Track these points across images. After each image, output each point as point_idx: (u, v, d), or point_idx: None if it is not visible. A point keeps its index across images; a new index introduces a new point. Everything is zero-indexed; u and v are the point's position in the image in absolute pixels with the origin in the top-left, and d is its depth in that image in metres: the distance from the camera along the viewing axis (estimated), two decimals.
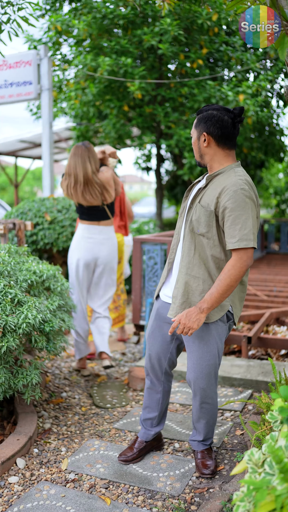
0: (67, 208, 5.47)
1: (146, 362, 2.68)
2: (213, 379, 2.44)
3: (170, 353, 2.60)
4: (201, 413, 2.50)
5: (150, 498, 2.34)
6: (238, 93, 6.79)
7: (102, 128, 7.93)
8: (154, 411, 2.70)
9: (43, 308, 2.95)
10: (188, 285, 2.35)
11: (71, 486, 2.45)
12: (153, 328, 2.61)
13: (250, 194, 2.22)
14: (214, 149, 2.35)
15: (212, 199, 2.27)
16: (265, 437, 2.35)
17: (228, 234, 2.21)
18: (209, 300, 2.23)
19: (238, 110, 2.33)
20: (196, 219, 2.32)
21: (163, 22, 6.46)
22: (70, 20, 6.94)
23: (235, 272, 2.20)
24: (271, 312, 4.73)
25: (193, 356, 2.41)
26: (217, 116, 2.31)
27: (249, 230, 2.18)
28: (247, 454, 1.61)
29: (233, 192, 2.20)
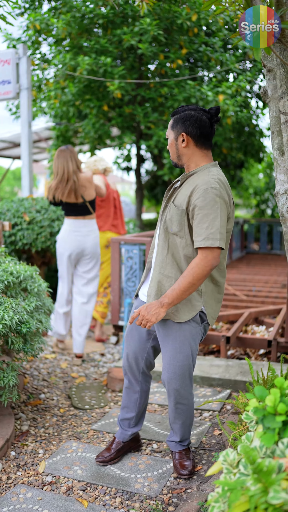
0: (46, 208, 5.43)
1: (123, 361, 2.68)
2: (187, 380, 2.43)
3: (147, 353, 2.59)
4: (176, 413, 2.50)
5: (128, 500, 2.33)
6: (218, 93, 6.81)
7: (81, 128, 7.89)
8: (132, 412, 2.69)
9: (20, 309, 2.92)
10: (161, 284, 2.34)
11: (48, 489, 2.42)
12: (131, 328, 2.61)
13: (220, 193, 2.20)
14: (192, 149, 2.35)
15: (184, 198, 2.26)
16: (242, 437, 2.35)
17: (195, 232, 2.20)
18: (170, 295, 2.22)
19: (214, 110, 2.34)
20: (170, 218, 2.32)
21: (142, 22, 6.45)
22: (49, 19, 6.89)
23: (199, 271, 2.17)
24: (250, 312, 4.77)
25: (167, 357, 2.40)
26: (195, 116, 2.31)
27: (216, 230, 2.16)
28: (222, 454, 1.61)
29: (203, 190, 2.19)
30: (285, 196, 2.55)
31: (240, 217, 12.95)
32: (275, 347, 3.91)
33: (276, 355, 3.94)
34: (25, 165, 6.41)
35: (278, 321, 4.40)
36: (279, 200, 2.61)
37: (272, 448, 1.51)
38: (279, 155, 2.61)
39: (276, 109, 2.60)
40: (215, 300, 2.42)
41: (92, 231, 4.30)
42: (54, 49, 7.53)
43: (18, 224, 5.26)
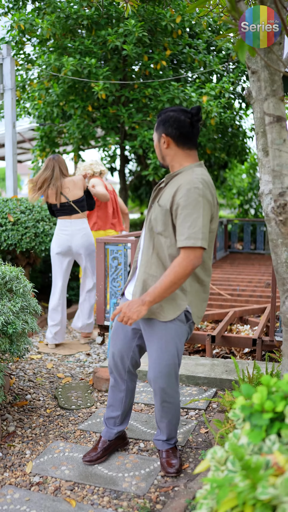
0: (30, 209, 5.42)
1: (109, 360, 2.69)
2: (173, 378, 2.44)
3: (132, 352, 2.60)
4: (163, 412, 2.51)
5: (116, 499, 2.34)
6: (202, 94, 6.86)
7: (66, 128, 7.88)
8: (118, 410, 2.70)
9: (5, 310, 2.91)
10: (146, 283, 2.36)
11: (35, 489, 2.42)
12: (117, 326, 2.62)
13: (204, 193, 2.22)
14: (174, 150, 2.37)
15: (169, 198, 2.28)
16: (228, 435, 2.38)
17: (178, 231, 2.21)
18: (152, 293, 2.22)
19: (195, 110, 2.35)
20: (154, 218, 2.34)
21: (127, 23, 6.47)
22: (33, 19, 6.86)
23: (180, 270, 2.18)
24: (235, 311, 4.81)
25: (152, 356, 2.42)
26: (173, 117, 2.33)
27: (198, 229, 2.17)
28: (210, 452, 1.63)
29: (187, 190, 2.21)
30: (270, 197, 2.58)
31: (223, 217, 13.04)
32: (259, 345, 3.95)
33: (261, 353, 3.98)
34: (9, 165, 6.37)
35: (262, 320, 4.45)
36: (263, 200, 2.64)
37: (259, 445, 1.53)
38: (264, 155, 2.65)
39: (260, 111, 2.64)
40: (200, 299, 2.44)
41: (80, 229, 4.57)
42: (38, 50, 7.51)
43: (2, 224, 5.24)
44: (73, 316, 6.04)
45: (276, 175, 2.45)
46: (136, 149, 7.46)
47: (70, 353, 4.61)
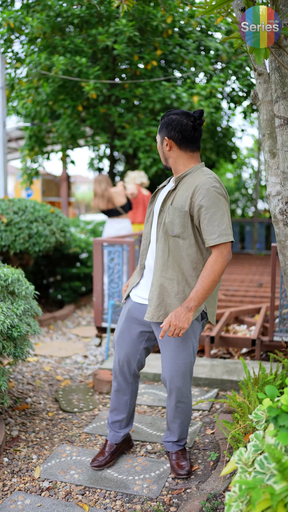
0: (23, 209, 5.36)
1: (114, 364, 2.66)
2: (189, 377, 2.46)
3: (139, 354, 2.59)
4: (176, 412, 2.51)
5: (128, 502, 2.33)
6: (192, 94, 6.87)
7: (55, 128, 7.82)
8: (122, 413, 2.69)
9: (9, 313, 2.87)
10: (163, 287, 2.36)
11: (46, 494, 2.40)
12: (123, 330, 2.60)
13: (221, 191, 2.28)
14: (176, 152, 2.39)
15: (186, 200, 2.29)
16: (240, 436, 2.39)
17: (207, 231, 2.24)
18: (196, 297, 2.24)
19: (198, 113, 2.37)
20: (170, 221, 2.33)
21: (118, 23, 6.45)
22: (23, 17, 6.79)
23: (218, 267, 2.23)
24: (231, 311, 4.83)
25: (169, 355, 2.41)
26: (176, 120, 2.35)
27: (226, 225, 2.23)
28: (236, 454, 1.63)
29: (206, 190, 2.24)
30: (277, 198, 2.60)
31: None
32: (259, 346, 3.97)
33: (259, 353, 4.00)
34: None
35: (259, 320, 4.47)
36: (271, 202, 2.65)
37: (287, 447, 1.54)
38: (270, 157, 2.66)
39: (267, 112, 2.64)
40: (215, 298, 2.48)
41: (124, 227, 6.04)
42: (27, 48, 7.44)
43: None
44: (66, 317, 6.00)
45: (286, 177, 2.46)
46: (126, 148, 7.44)
47: (66, 355, 4.58)
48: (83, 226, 7.84)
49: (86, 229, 7.69)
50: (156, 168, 7.37)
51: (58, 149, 8.99)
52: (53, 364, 4.36)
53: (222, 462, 2.55)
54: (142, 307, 2.50)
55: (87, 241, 6.78)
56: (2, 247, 5.17)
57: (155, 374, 3.79)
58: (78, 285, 6.39)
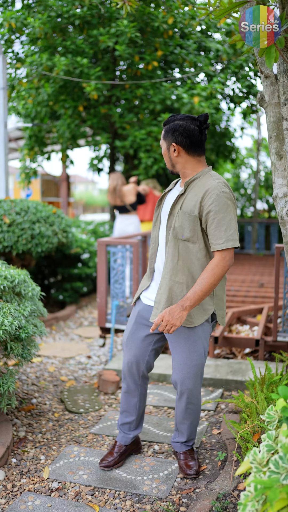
0: (25, 210, 5.37)
1: (123, 366, 2.67)
2: (199, 379, 2.48)
3: (148, 356, 2.61)
4: (186, 414, 2.52)
5: (138, 502, 2.34)
6: (193, 95, 6.89)
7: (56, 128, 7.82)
8: (132, 415, 2.70)
9: (17, 314, 2.88)
10: (172, 290, 2.37)
11: (56, 495, 2.41)
12: (132, 331, 2.61)
13: (230, 196, 2.30)
14: (184, 157, 2.40)
15: (195, 204, 2.31)
16: (248, 436, 2.40)
17: (214, 236, 2.26)
18: (192, 298, 2.26)
19: (203, 117, 2.38)
20: (180, 225, 2.35)
21: (120, 24, 6.46)
22: (24, 18, 6.79)
23: (218, 271, 2.25)
24: (233, 311, 4.84)
25: (180, 357, 2.43)
26: (183, 126, 2.36)
27: (233, 231, 2.26)
28: (250, 454, 1.65)
29: (216, 195, 2.25)
30: (284, 200, 2.61)
31: None
32: (262, 346, 3.99)
33: (263, 354, 4.02)
34: (1, 166, 6.30)
35: (262, 320, 4.49)
36: (278, 204, 2.67)
37: None
38: (277, 159, 2.67)
39: (273, 115, 2.66)
40: (223, 300, 2.49)
41: (132, 222, 6.66)
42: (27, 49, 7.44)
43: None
44: (68, 318, 6.01)
45: None
46: (127, 149, 7.45)
47: (70, 356, 4.59)
48: (83, 226, 7.84)
49: (87, 229, 7.70)
50: (157, 167, 7.38)
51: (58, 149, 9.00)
52: (57, 364, 4.37)
53: (230, 462, 2.57)
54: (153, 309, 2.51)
55: (88, 242, 6.79)
56: (4, 248, 5.18)
57: (160, 374, 3.80)
58: (79, 285, 6.40)
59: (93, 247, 6.79)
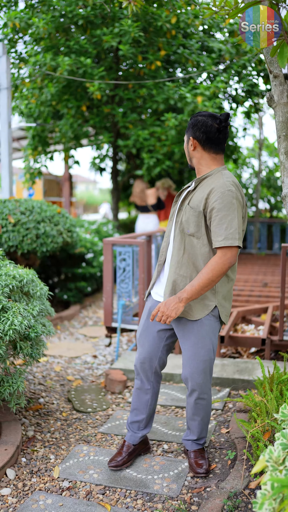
0: (30, 210, 5.37)
1: (136, 362, 2.68)
2: (209, 374, 2.50)
3: (161, 352, 2.62)
4: (196, 409, 2.53)
5: (149, 501, 2.35)
6: (196, 95, 6.89)
7: (58, 128, 7.82)
8: (142, 414, 2.71)
9: (26, 314, 2.89)
10: (176, 283, 2.41)
11: (67, 494, 2.41)
12: (144, 327, 2.63)
13: (236, 195, 2.31)
14: (200, 152, 2.44)
15: (201, 200, 2.34)
16: (259, 434, 2.41)
17: (215, 233, 2.29)
18: (189, 291, 2.29)
19: (224, 116, 2.43)
20: (186, 220, 2.39)
21: (123, 23, 6.46)
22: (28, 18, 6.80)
23: (218, 268, 2.26)
24: (238, 311, 4.85)
25: (188, 353, 2.45)
26: (201, 121, 2.41)
27: (234, 230, 2.26)
28: (266, 452, 1.65)
29: (221, 193, 2.28)
30: None
31: None
32: (269, 345, 4.00)
33: (269, 353, 4.03)
34: (5, 166, 6.30)
35: (267, 319, 4.50)
36: (286, 203, 2.68)
37: None
38: (286, 159, 2.68)
39: (282, 114, 2.66)
40: (229, 299, 2.51)
41: (151, 221, 7.65)
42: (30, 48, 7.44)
43: (3, 226, 5.18)
44: (72, 317, 6.02)
45: None
46: (129, 148, 7.46)
47: (76, 355, 4.59)
48: (87, 226, 7.85)
49: (91, 229, 7.71)
50: (160, 168, 7.39)
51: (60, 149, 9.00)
52: (63, 364, 4.37)
53: (240, 460, 2.57)
54: None
55: (92, 241, 6.80)
56: (9, 248, 5.18)
57: (167, 373, 3.81)
58: (83, 285, 6.41)
59: (97, 247, 6.79)
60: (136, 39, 6.79)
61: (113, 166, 9.03)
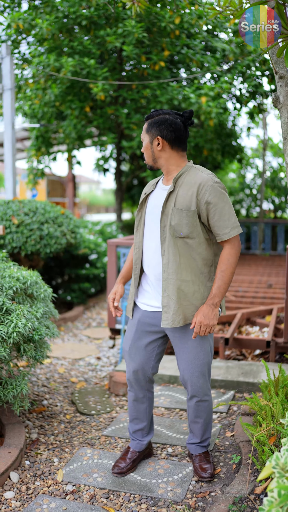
0: (34, 211, 5.36)
1: (128, 375, 2.62)
2: (208, 376, 2.49)
3: (153, 361, 2.58)
4: (197, 411, 2.51)
5: (154, 506, 2.33)
6: (200, 95, 6.87)
7: (62, 128, 7.82)
8: (143, 421, 2.67)
9: (29, 316, 2.87)
10: (181, 290, 2.35)
11: (70, 498, 2.40)
12: (135, 340, 2.55)
13: (223, 185, 2.37)
14: (168, 152, 2.37)
15: (190, 200, 2.29)
16: (264, 439, 2.39)
17: (219, 226, 2.29)
18: (219, 293, 2.32)
19: (188, 113, 2.36)
20: (177, 223, 2.31)
21: (127, 24, 6.45)
22: (32, 19, 6.79)
23: (234, 260, 2.33)
24: (242, 312, 4.83)
25: (188, 356, 2.42)
26: (169, 120, 2.34)
27: (235, 218, 2.34)
28: (273, 459, 1.63)
29: (211, 187, 2.28)
30: None
31: None
32: (273, 347, 3.97)
33: (274, 355, 4.00)
34: (8, 167, 6.30)
35: (272, 321, 4.47)
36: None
37: None
38: None
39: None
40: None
41: None
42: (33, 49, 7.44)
43: (7, 227, 5.17)
44: (76, 318, 6.01)
45: None
46: (134, 149, 7.44)
47: (79, 357, 4.58)
48: (91, 227, 7.84)
49: (94, 230, 7.70)
50: None
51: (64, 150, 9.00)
52: (66, 366, 4.36)
53: (245, 465, 2.55)
54: (156, 314, 2.46)
55: (96, 242, 6.79)
56: (13, 249, 5.18)
57: (171, 376, 3.79)
58: (87, 286, 6.40)
59: (101, 248, 6.78)
60: (139, 40, 6.78)
61: (117, 167, 9.02)
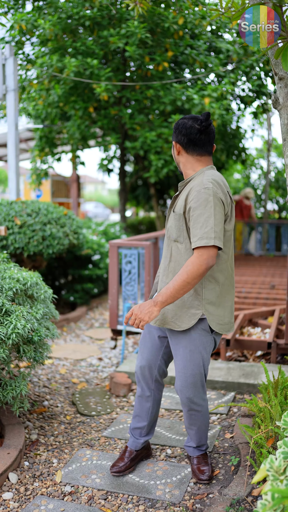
0: (36, 211, 5.38)
1: (136, 368, 2.66)
2: (200, 387, 2.42)
3: (159, 360, 2.58)
4: (191, 420, 2.50)
5: (151, 507, 2.33)
6: (204, 96, 6.86)
7: (66, 129, 7.84)
8: (144, 421, 2.68)
9: (29, 317, 2.88)
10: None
11: (69, 499, 2.40)
12: (144, 334, 2.60)
13: (214, 192, 2.18)
14: (185, 156, 2.38)
15: (182, 204, 2.29)
16: (262, 441, 2.38)
17: (192, 233, 2.19)
18: (164, 294, 2.18)
19: (204, 116, 2.31)
20: (170, 226, 2.34)
21: (130, 25, 6.45)
22: (35, 20, 6.81)
23: (193, 269, 2.12)
24: (244, 313, 4.82)
25: (179, 365, 2.40)
26: (182, 124, 2.34)
27: (210, 229, 2.13)
28: (267, 462, 1.63)
29: (197, 192, 2.20)
30: None
31: None
32: (275, 349, 3.96)
33: (275, 356, 3.99)
34: (12, 168, 6.31)
35: (274, 322, 4.46)
36: None
37: None
38: None
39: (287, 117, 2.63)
40: (221, 305, 2.37)
41: None
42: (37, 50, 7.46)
43: (9, 228, 5.19)
44: (79, 319, 6.02)
45: None
46: (137, 150, 7.44)
47: (81, 358, 4.59)
48: (94, 227, 7.85)
49: (98, 230, 7.71)
50: (167, 169, 7.36)
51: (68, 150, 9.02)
52: (68, 366, 4.37)
53: (244, 467, 2.55)
54: None
55: (99, 243, 6.79)
56: (16, 249, 5.19)
57: (172, 377, 3.79)
58: (90, 286, 6.40)
59: (104, 248, 6.79)
60: (143, 40, 6.78)
61: (121, 167, 9.02)
